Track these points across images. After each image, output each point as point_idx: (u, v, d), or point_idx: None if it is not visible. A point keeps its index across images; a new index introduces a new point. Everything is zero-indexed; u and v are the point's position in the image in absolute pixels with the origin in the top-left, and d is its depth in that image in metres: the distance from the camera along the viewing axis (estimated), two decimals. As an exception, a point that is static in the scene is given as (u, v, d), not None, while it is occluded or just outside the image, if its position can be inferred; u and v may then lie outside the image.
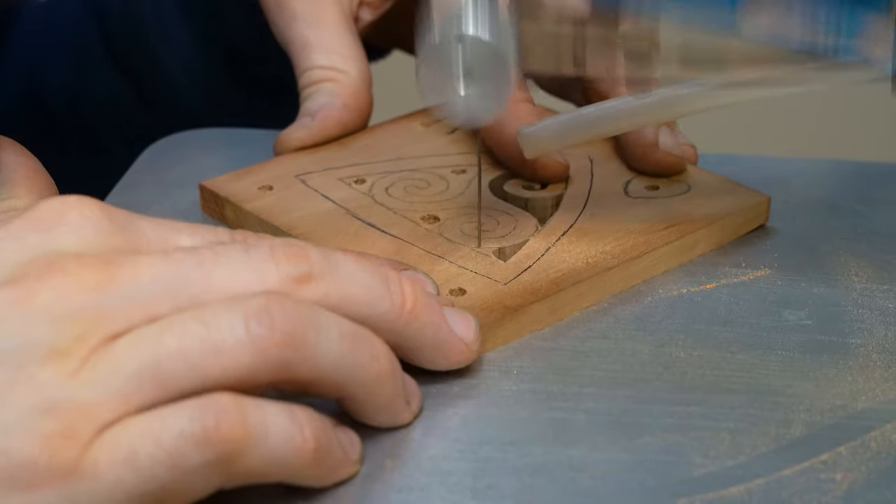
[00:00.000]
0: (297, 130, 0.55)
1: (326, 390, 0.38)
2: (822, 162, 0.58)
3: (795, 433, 0.40)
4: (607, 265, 0.47)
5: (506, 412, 0.41)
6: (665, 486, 0.38)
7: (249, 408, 0.35)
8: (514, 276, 0.46)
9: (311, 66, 0.56)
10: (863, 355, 0.44)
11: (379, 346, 0.39)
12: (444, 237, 0.49)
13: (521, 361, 0.44)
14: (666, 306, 0.47)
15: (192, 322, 0.36)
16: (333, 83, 0.56)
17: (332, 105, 0.56)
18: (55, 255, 0.36)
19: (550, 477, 0.39)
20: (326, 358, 0.37)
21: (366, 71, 0.57)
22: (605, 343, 0.45)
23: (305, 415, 0.37)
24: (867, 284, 0.48)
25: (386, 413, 0.40)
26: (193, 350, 0.35)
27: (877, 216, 0.53)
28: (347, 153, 0.55)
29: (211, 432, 0.34)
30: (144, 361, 0.35)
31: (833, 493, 0.38)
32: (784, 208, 0.53)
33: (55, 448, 0.34)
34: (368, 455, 0.39)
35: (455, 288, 0.45)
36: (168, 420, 0.35)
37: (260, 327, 0.36)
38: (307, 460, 0.37)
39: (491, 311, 0.44)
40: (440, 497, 0.38)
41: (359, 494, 0.38)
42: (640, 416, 0.41)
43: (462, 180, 0.53)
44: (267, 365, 0.36)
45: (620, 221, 0.50)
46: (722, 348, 0.45)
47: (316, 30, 0.57)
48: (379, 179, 0.53)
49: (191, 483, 0.35)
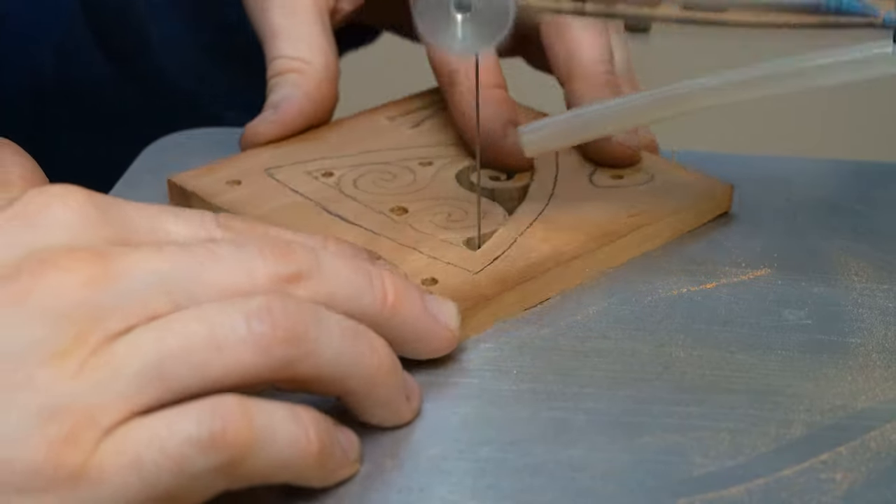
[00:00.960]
0: (261, 124, 0.55)
1: (328, 387, 0.38)
2: (822, 161, 0.58)
3: (795, 433, 0.40)
4: (574, 253, 0.48)
5: (506, 412, 0.41)
6: (665, 485, 0.38)
7: (255, 411, 0.35)
8: (484, 265, 0.47)
9: (278, 56, 0.56)
10: (863, 355, 0.44)
11: (378, 342, 0.39)
12: (414, 228, 0.49)
13: (521, 361, 0.44)
14: (666, 306, 0.47)
15: (193, 321, 0.36)
16: (297, 74, 0.56)
17: (293, 96, 0.55)
18: (46, 250, 0.36)
19: (550, 477, 0.39)
20: (327, 355, 0.37)
21: (332, 63, 0.57)
22: (604, 343, 0.45)
23: (309, 416, 0.37)
24: (867, 284, 0.48)
25: (386, 409, 0.40)
26: (195, 349, 0.35)
27: (877, 216, 0.53)
28: (315, 147, 0.55)
29: (217, 437, 0.34)
30: (146, 362, 0.35)
31: (833, 493, 0.38)
32: (784, 207, 0.53)
33: (59, 454, 0.33)
34: (368, 455, 0.39)
35: (427, 277, 0.46)
36: (174, 425, 0.34)
37: (262, 325, 0.36)
38: (311, 462, 0.37)
39: (464, 300, 0.45)
40: (440, 497, 0.38)
41: (359, 494, 0.38)
42: (640, 415, 0.41)
43: (428, 172, 0.53)
44: (269, 363, 0.36)
45: (586, 211, 0.50)
46: (722, 348, 0.44)
47: (287, 19, 0.56)
48: (347, 172, 0.53)
49: (196, 487, 0.35)
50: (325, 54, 0.56)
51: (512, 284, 0.46)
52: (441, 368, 0.43)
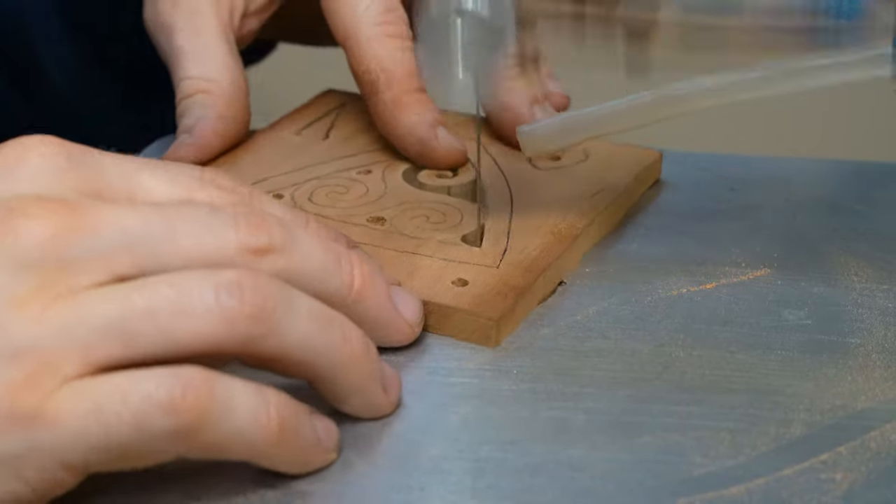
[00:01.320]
0: (179, 150, 0.54)
1: (295, 369, 0.38)
2: (822, 161, 0.58)
3: (795, 433, 0.40)
4: (573, 233, 0.49)
5: (505, 412, 0.41)
6: (665, 485, 0.38)
7: (217, 382, 0.36)
8: (499, 258, 0.47)
9: (185, 77, 0.55)
10: (862, 355, 0.44)
11: (351, 329, 0.39)
12: (404, 234, 0.49)
13: (521, 361, 0.44)
14: (665, 306, 0.47)
15: (162, 285, 0.36)
16: (205, 94, 0.55)
17: (206, 118, 0.54)
18: (15, 199, 0.36)
19: (550, 477, 0.39)
20: (293, 336, 0.37)
21: (240, 80, 0.56)
22: (604, 343, 0.45)
23: (275, 395, 0.37)
24: (867, 284, 0.48)
25: (359, 397, 0.40)
26: (162, 311, 0.36)
27: (877, 216, 0.53)
28: (239, 172, 0.53)
29: (177, 401, 0.35)
30: (111, 316, 0.35)
31: (833, 493, 0.38)
32: (784, 208, 0.53)
33: (16, 396, 0.34)
34: (367, 455, 0.39)
35: (455, 279, 0.46)
36: (136, 382, 0.35)
37: (230, 299, 0.36)
38: (271, 439, 0.37)
39: (505, 296, 0.45)
40: (440, 497, 0.38)
41: (358, 494, 0.38)
42: (639, 415, 0.41)
43: (375, 179, 0.53)
44: (233, 336, 0.36)
45: (552, 192, 0.52)
46: (721, 348, 0.44)
47: (192, 40, 0.55)
48: (294, 191, 0.52)
49: (153, 447, 0.35)
50: (231, 72, 0.55)
51: (537, 271, 0.46)
52: (441, 368, 0.43)
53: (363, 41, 0.54)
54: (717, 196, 0.54)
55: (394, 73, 0.53)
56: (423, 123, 0.53)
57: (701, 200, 0.54)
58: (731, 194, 0.54)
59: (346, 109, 0.58)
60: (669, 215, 0.53)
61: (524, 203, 0.51)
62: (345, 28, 0.54)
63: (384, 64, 0.53)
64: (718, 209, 0.53)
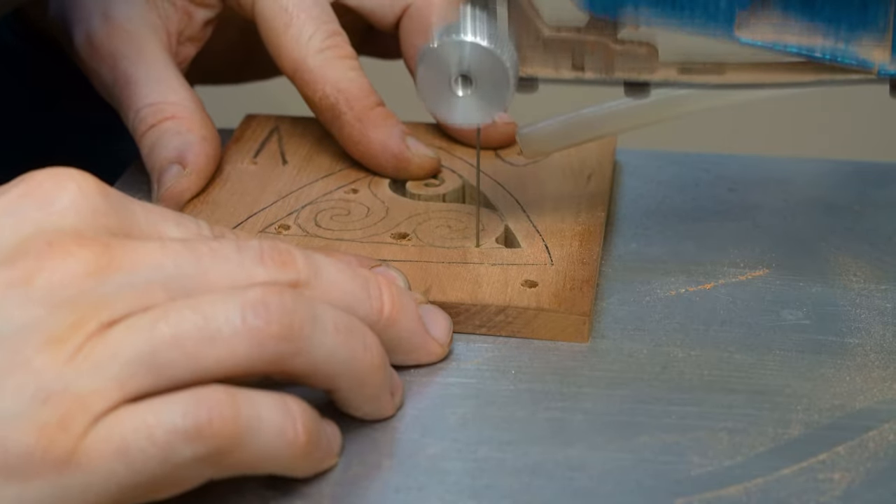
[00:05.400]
0: (178, 184, 0.51)
1: (319, 382, 0.38)
2: (820, 162, 0.58)
3: (793, 433, 0.40)
4: (598, 221, 0.50)
5: (504, 412, 0.41)
6: (663, 485, 0.38)
7: (243, 402, 0.36)
8: (547, 255, 0.47)
9: (143, 105, 0.53)
10: (860, 355, 0.44)
11: (371, 339, 0.39)
12: (439, 247, 0.48)
13: (519, 361, 0.44)
14: (664, 306, 0.47)
15: (188, 311, 0.36)
16: (175, 120, 0.52)
17: (192, 143, 0.52)
18: (54, 232, 0.36)
19: (548, 476, 0.39)
20: (321, 350, 0.37)
21: (198, 99, 0.54)
22: (602, 343, 0.45)
23: (298, 407, 0.37)
24: (865, 284, 0.48)
25: (372, 405, 0.40)
26: (189, 339, 0.35)
27: (875, 216, 0.53)
28: (225, 211, 0.51)
29: (204, 428, 0.35)
30: (140, 349, 0.35)
31: (831, 492, 0.38)
32: (782, 208, 0.53)
33: (51, 439, 0.34)
34: (367, 455, 0.39)
35: (522, 281, 0.46)
36: (161, 414, 0.35)
37: (256, 319, 0.36)
38: (298, 453, 0.37)
39: (581, 290, 0.45)
40: (438, 497, 0.38)
41: (357, 494, 0.38)
42: (637, 415, 0.41)
43: (368, 197, 0.52)
44: (263, 356, 0.36)
45: (548, 185, 0.52)
46: (720, 348, 0.45)
47: (140, 66, 0.53)
48: (297, 220, 0.50)
49: (182, 475, 0.35)
50: (189, 92, 0.54)
51: (592, 262, 0.47)
52: (440, 368, 0.43)
53: (314, 68, 0.53)
54: (715, 196, 0.54)
55: (351, 93, 0.53)
56: (394, 137, 0.53)
57: (699, 200, 0.54)
58: (729, 195, 0.55)
59: (283, 132, 0.57)
60: (668, 215, 0.53)
61: (529, 199, 0.51)
62: (292, 60, 0.53)
63: (340, 85, 0.53)
64: (717, 209, 0.53)
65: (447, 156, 0.55)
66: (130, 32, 0.54)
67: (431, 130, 0.56)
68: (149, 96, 0.53)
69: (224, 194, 0.52)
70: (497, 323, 0.45)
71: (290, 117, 0.58)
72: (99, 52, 0.54)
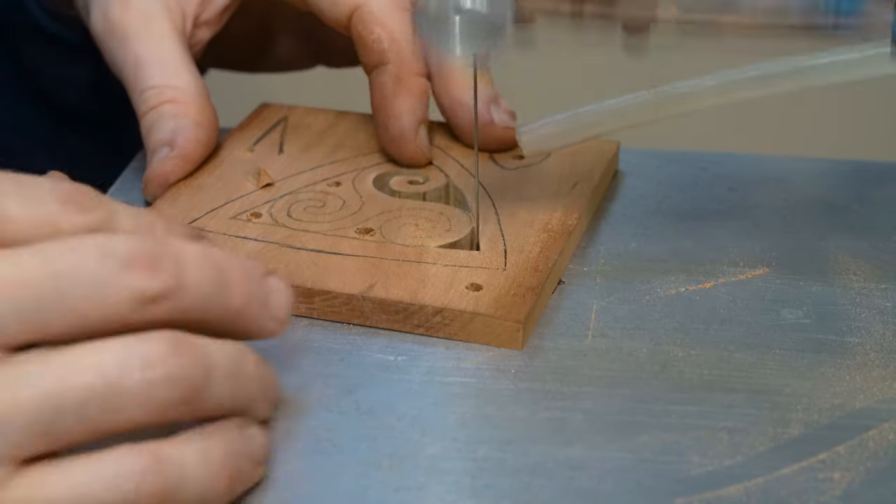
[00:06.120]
0: (164, 165, 0.52)
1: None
2: (820, 161, 0.58)
3: (793, 432, 0.40)
4: (566, 229, 0.49)
5: (504, 411, 0.41)
6: (663, 485, 0.38)
7: (165, 461, 0.35)
8: (502, 260, 0.47)
9: (147, 87, 0.53)
10: (860, 354, 0.44)
11: (259, 362, 0.38)
12: (399, 244, 0.48)
13: (519, 360, 0.44)
14: (663, 305, 0.47)
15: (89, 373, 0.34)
16: (174, 104, 0.52)
17: (184, 127, 0.52)
18: None
19: (548, 476, 0.39)
20: (217, 396, 0.37)
21: (202, 85, 0.54)
22: (602, 342, 0.45)
23: (222, 448, 0.36)
24: (865, 283, 0.48)
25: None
26: (90, 405, 0.34)
27: (874, 215, 0.53)
28: (207, 195, 0.51)
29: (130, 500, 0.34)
30: (32, 416, 0.34)
31: (831, 492, 0.38)
32: (782, 207, 0.53)
33: None
34: (366, 455, 0.39)
35: (468, 284, 0.45)
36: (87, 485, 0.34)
37: (162, 391, 0.35)
38: (223, 492, 0.36)
39: (523, 297, 0.45)
40: (438, 496, 0.38)
41: (357, 494, 0.38)
42: (637, 415, 0.41)
43: (347, 190, 0.52)
44: (162, 419, 0.35)
45: (530, 190, 0.52)
46: (720, 347, 0.45)
47: (149, 46, 0.53)
48: (271, 209, 0.50)
49: None
50: (193, 77, 0.54)
51: (545, 270, 0.46)
52: (439, 368, 0.43)
53: (375, 8, 0.53)
54: (715, 195, 0.54)
55: (403, 48, 0.53)
56: (412, 116, 0.53)
57: (699, 200, 0.54)
58: (729, 194, 0.55)
59: (290, 122, 0.57)
60: (667, 214, 0.53)
61: (506, 203, 0.51)
62: None
63: (395, 35, 0.53)
64: (717, 208, 0.53)
65: (442, 155, 0.55)
66: (145, 12, 0.54)
67: (434, 128, 0.56)
68: (153, 78, 0.53)
69: (211, 179, 0.53)
70: (434, 324, 0.45)
71: (303, 108, 0.59)
72: (112, 30, 0.54)
